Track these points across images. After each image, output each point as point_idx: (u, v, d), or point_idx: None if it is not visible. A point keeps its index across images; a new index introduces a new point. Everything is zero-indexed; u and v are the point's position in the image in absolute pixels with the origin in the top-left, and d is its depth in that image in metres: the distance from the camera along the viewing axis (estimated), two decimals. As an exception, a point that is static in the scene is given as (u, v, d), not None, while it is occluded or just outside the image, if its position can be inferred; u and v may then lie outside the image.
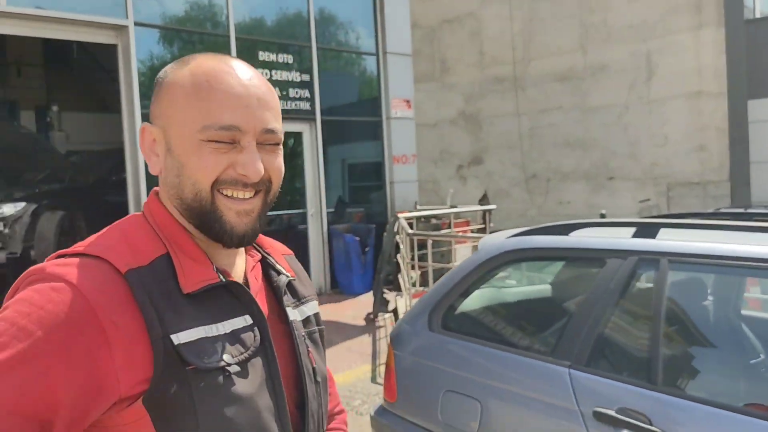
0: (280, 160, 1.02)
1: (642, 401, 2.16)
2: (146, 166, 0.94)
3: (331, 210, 9.46)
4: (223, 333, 0.94)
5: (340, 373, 5.68)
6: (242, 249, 1.08)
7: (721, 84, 11.19)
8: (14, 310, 0.84)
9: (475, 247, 8.33)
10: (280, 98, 8.58)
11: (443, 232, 8.31)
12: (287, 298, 1.10)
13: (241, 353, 0.94)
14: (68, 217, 8.21)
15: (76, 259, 0.90)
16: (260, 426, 0.94)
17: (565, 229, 2.80)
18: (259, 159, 0.96)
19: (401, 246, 7.68)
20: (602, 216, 8.62)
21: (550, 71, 13.21)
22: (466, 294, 2.96)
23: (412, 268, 7.36)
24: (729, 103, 11.08)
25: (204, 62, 0.99)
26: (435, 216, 8.89)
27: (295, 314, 1.10)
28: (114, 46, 7.25)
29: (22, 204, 7.95)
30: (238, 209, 0.97)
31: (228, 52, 7.96)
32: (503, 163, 14.19)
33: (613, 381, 2.28)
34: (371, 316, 7.60)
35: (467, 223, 9.31)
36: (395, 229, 7.92)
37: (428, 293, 3.09)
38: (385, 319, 7.45)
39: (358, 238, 8.94)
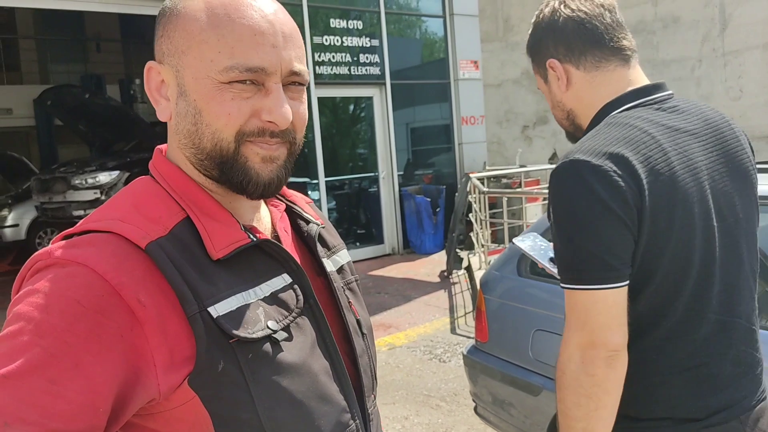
0: (304, 108, 0.92)
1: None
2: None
3: (401, 172, 9.72)
4: (262, 297, 0.86)
5: (420, 325, 6.00)
6: (262, 201, 0.99)
7: (800, 32, 10.76)
8: (28, 304, 0.74)
9: (545, 206, 8.45)
10: (351, 64, 8.88)
11: (516, 190, 8.45)
12: (319, 249, 1.02)
13: (286, 316, 0.88)
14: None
15: (84, 238, 0.81)
16: (319, 390, 0.88)
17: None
18: (286, 103, 0.86)
19: (474, 205, 7.88)
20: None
21: (618, 26, 12.92)
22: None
23: (483, 226, 7.56)
24: (809, 52, 10.66)
25: None
26: (505, 175, 9.03)
27: (329, 265, 1.02)
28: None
29: (116, 172, 8.52)
30: (265, 155, 0.88)
31: (300, 20, 8.22)
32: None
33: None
34: (445, 273, 7.87)
35: (537, 183, 9.40)
36: (467, 189, 8.12)
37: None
38: (459, 276, 7.71)
39: (429, 199, 9.18)
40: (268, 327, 0.84)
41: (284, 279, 0.90)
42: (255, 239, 0.88)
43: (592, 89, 1.40)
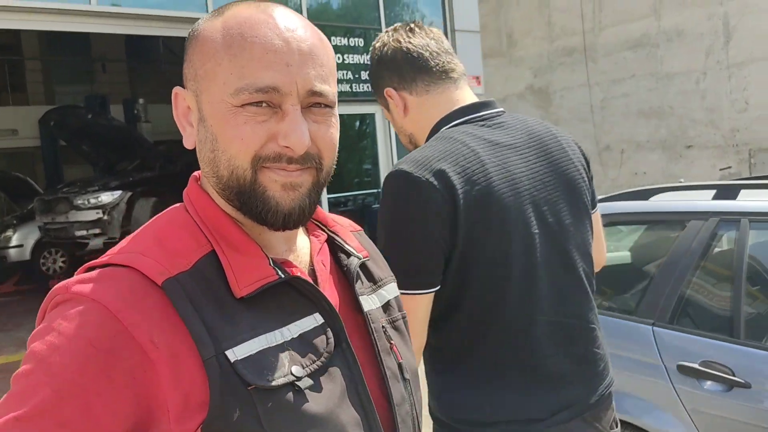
0: (332, 132, 0.85)
1: (725, 354, 2.27)
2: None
3: (405, 188, 9.68)
4: (289, 339, 0.80)
5: (422, 343, 5.91)
6: (301, 230, 0.94)
7: (805, 43, 10.70)
8: (43, 343, 0.73)
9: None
10: (353, 81, 8.86)
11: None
12: (360, 284, 0.94)
13: (314, 361, 0.80)
14: (161, 203, 8.74)
15: (103, 272, 0.78)
16: None
17: (645, 194, 2.91)
18: (304, 127, 0.80)
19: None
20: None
21: (622, 39, 12.91)
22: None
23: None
24: (815, 63, 10.59)
25: (240, 11, 0.83)
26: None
27: (371, 302, 0.94)
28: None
29: (118, 192, 8.52)
30: (285, 182, 0.81)
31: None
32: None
33: (695, 336, 2.39)
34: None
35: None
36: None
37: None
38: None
39: (432, 215, 9.13)
40: (291, 373, 0.77)
41: (315, 319, 0.83)
42: (283, 276, 0.82)
43: (426, 111, 1.51)
